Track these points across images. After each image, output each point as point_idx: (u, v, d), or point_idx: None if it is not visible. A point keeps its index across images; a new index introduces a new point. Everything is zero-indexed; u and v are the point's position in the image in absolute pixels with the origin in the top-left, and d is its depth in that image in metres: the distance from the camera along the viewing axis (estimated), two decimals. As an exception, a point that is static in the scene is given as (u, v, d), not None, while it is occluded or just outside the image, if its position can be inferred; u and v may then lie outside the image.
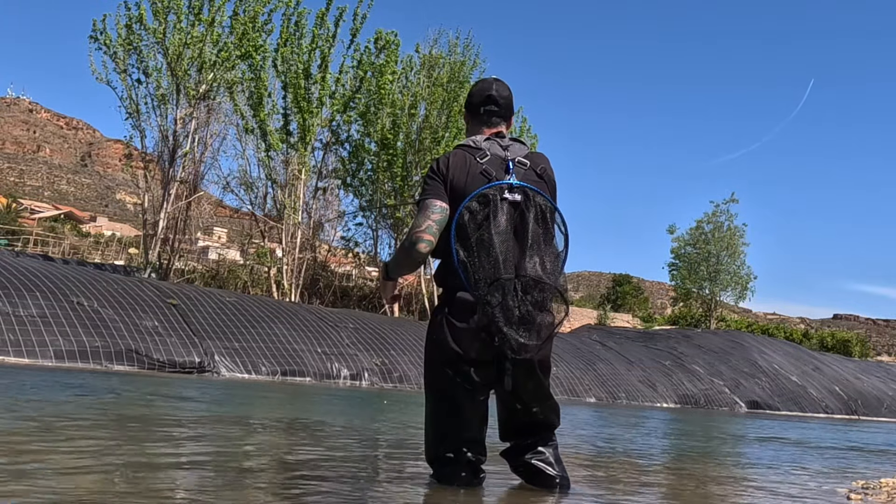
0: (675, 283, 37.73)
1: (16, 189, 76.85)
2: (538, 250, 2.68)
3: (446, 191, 2.78)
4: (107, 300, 10.44)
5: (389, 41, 21.48)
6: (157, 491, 2.46)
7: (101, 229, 56.09)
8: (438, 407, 2.82)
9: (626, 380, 16.77)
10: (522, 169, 2.84)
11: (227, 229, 52.51)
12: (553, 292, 2.69)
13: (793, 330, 49.25)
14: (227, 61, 18.37)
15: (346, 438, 4.71)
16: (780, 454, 6.29)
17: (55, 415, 4.39)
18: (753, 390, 19.09)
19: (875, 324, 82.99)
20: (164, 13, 17.58)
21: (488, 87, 2.99)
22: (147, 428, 4.34)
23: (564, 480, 2.90)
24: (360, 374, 11.80)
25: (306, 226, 21.70)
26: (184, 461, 3.19)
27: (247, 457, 3.54)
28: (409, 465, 3.55)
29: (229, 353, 10.62)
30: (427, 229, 2.73)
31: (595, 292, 66.42)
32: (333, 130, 21.98)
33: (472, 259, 2.63)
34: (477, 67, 23.20)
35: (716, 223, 35.78)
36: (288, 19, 20.22)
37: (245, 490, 2.66)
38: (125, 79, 17.83)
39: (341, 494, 2.69)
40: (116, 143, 74.16)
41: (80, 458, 2.99)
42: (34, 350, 8.90)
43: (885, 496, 3.63)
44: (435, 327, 2.82)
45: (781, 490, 3.85)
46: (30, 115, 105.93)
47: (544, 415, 2.87)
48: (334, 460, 3.58)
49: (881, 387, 23.87)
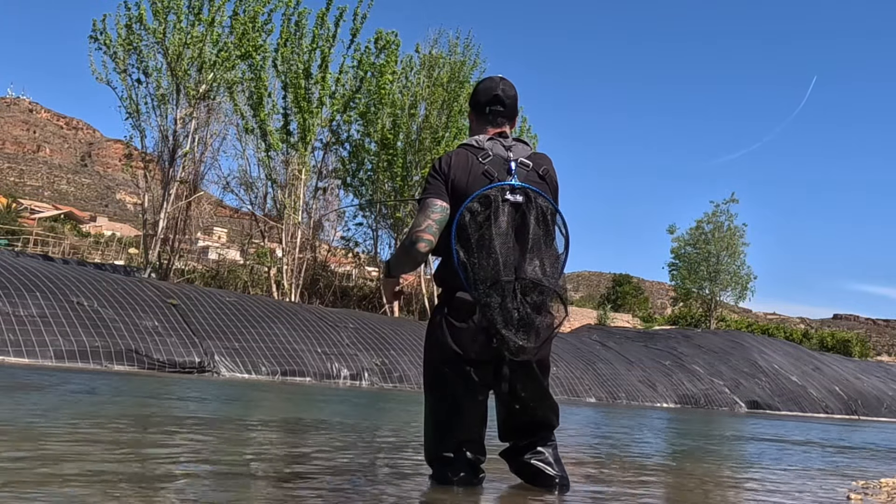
0: (675, 283, 37.74)
1: (16, 189, 76.87)
2: (538, 252, 2.68)
3: (448, 190, 2.78)
4: (107, 300, 10.44)
5: (389, 41, 21.49)
6: (157, 491, 2.46)
7: (101, 229, 56.11)
8: (438, 407, 2.82)
9: (626, 380, 16.77)
10: (524, 170, 2.83)
11: (227, 229, 52.54)
12: (552, 295, 2.69)
13: (793, 330, 49.28)
14: (227, 61, 18.37)
15: (345, 438, 4.71)
16: (780, 454, 6.28)
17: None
18: (753, 390, 19.10)
19: (875, 324, 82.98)
20: (164, 13, 17.58)
21: (495, 87, 2.98)
22: (148, 427, 4.34)
23: (564, 480, 2.90)
24: (360, 374, 11.80)
25: (306, 226, 21.70)
26: (183, 461, 3.19)
27: (246, 457, 3.54)
28: (409, 465, 3.55)
29: (229, 353, 10.62)
30: (427, 228, 2.73)
31: (595, 292, 66.46)
32: (333, 130, 21.99)
33: (473, 260, 2.63)
34: (477, 67, 23.24)
35: (716, 223, 35.80)
36: (288, 19, 20.23)
37: (244, 490, 2.66)
38: (125, 79, 17.85)
39: (341, 495, 2.69)
40: (116, 143, 74.17)
41: (81, 458, 2.99)
42: (34, 350, 8.90)
43: (885, 496, 3.63)
44: (434, 327, 2.82)
45: (781, 490, 3.85)
46: (30, 115, 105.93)
47: (543, 415, 2.87)
48: (334, 460, 3.58)
49: (881, 387, 23.87)
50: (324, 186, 22.34)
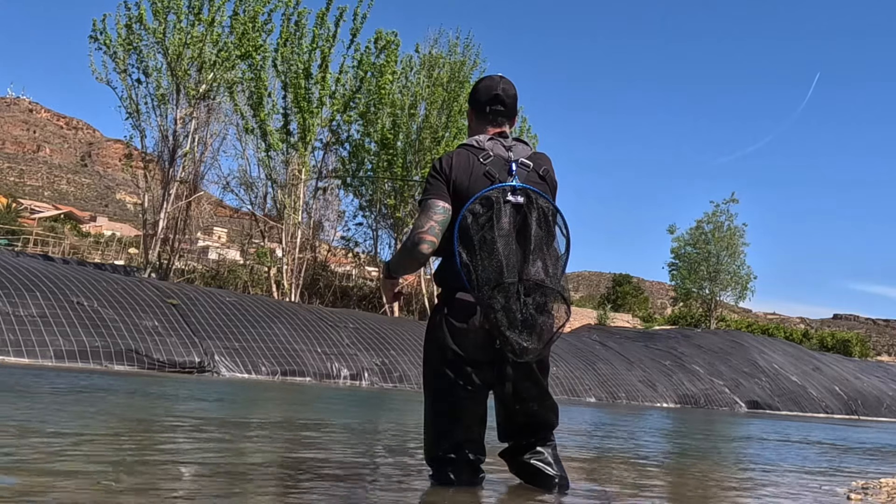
0: (675, 283, 37.74)
1: (16, 189, 76.86)
2: (540, 254, 2.68)
3: (448, 191, 2.78)
4: (107, 300, 10.44)
5: (389, 41, 21.48)
6: (157, 491, 2.46)
7: (101, 229, 56.11)
8: (438, 407, 2.82)
9: (626, 380, 16.76)
10: (525, 171, 2.83)
11: (227, 229, 52.56)
12: (555, 295, 2.70)
13: (793, 330, 49.29)
14: (227, 61, 18.38)
15: (345, 438, 4.71)
16: (780, 454, 6.28)
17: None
18: (753, 390, 19.09)
19: (875, 324, 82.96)
20: (164, 13, 17.59)
21: (495, 86, 2.97)
22: (146, 428, 4.34)
23: (563, 480, 2.90)
24: (360, 374, 11.80)
25: (306, 226, 21.71)
26: (182, 461, 3.18)
27: (246, 457, 3.54)
28: (409, 465, 3.55)
29: (229, 353, 10.62)
30: (430, 230, 2.72)
31: (595, 292, 66.45)
32: (333, 130, 21.98)
33: (476, 262, 2.63)
34: (477, 67, 23.22)
35: (716, 223, 35.79)
36: (288, 19, 20.22)
37: (244, 490, 2.65)
38: (125, 79, 17.86)
39: (340, 495, 2.69)
40: (116, 142, 74.17)
41: (80, 457, 2.99)
42: (34, 350, 8.90)
43: (885, 496, 3.63)
44: (434, 327, 2.81)
45: (781, 490, 3.85)
46: (30, 115, 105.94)
47: (543, 415, 2.87)
48: (333, 460, 3.58)
49: (881, 387, 23.87)
50: (324, 186, 22.35)
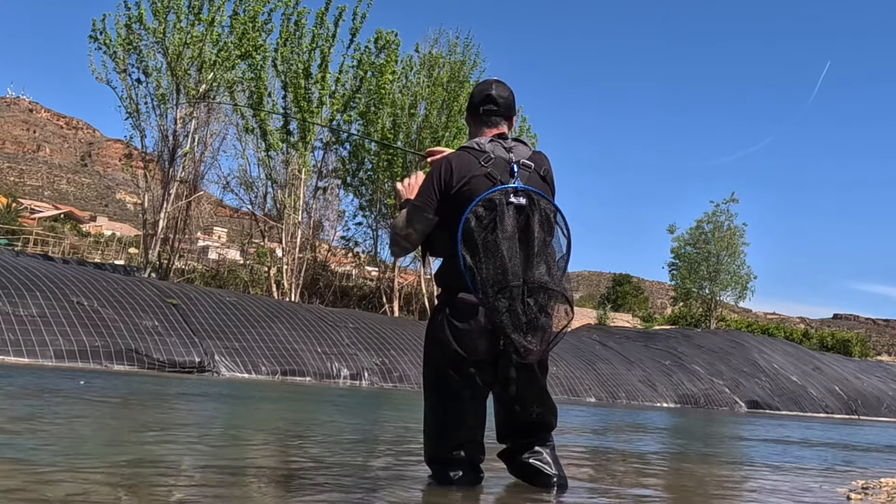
0: (675, 283, 37.74)
1: (16, 189, 76.81)
2: (543, 255, 2.70)
3: (446, 197, 2.79)
4: (107, 300, 10.44)
5: (389, 41, 21.48)
6: (157, 492, 2.46)
7: (101, 229, 56.09)
8: (438, 407, 2.82)
9: (626, 380, 16.76)
10: (527, 172, 2.84)
11: (227, 229, 52.57)
12: (558, 297, 2.72)
13: (793, 330, 49.29)
14: (227, 61, 18.37)
15: (345, 438, 4.71)
16: (780, 454, 6.28)
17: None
18: (753, 390, 19.09)
19: (875, 324, 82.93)
20: (164, 13, 17.58)
21: (487, 88, 3.01)
22: (147, 427, 4.34)
23: (562, 480, 2.90)
24: (360, 374, 11.80)
25: (306, 225, 21.71)
26: (182, 461, 3.18)
27: (246, 457, 3.54)
28: (409, 465, 3.55)
29: (229, 353, 10.62)
30: (407, 237, 2.92)
31: (595, 292, 66.49)
32: (333, 130, 21.98)
33: (480, 264, 2.64)
34: (477, 67, 23.22)
35: (716, 223, 35.79)
36: (288, 19, 20.23)
37: (244, 490, 2.65)
38: (125, 78, 17.85)
39: (340, 495, 2.69)
40: (116, 142, 74.23)
41: (80, 457, 2.99)
42: (34, 350, 8.90)
43: (885, 496, 3.63)
44: (435, 328, 2.82)
45: (781, 490, 3.85)
46: (30, 115, 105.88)
47: (542, 415, 2.87)
48: (333, 461, 3.58)
49: (881, 387, 23.86)
50: (324, 186, 22.36)
